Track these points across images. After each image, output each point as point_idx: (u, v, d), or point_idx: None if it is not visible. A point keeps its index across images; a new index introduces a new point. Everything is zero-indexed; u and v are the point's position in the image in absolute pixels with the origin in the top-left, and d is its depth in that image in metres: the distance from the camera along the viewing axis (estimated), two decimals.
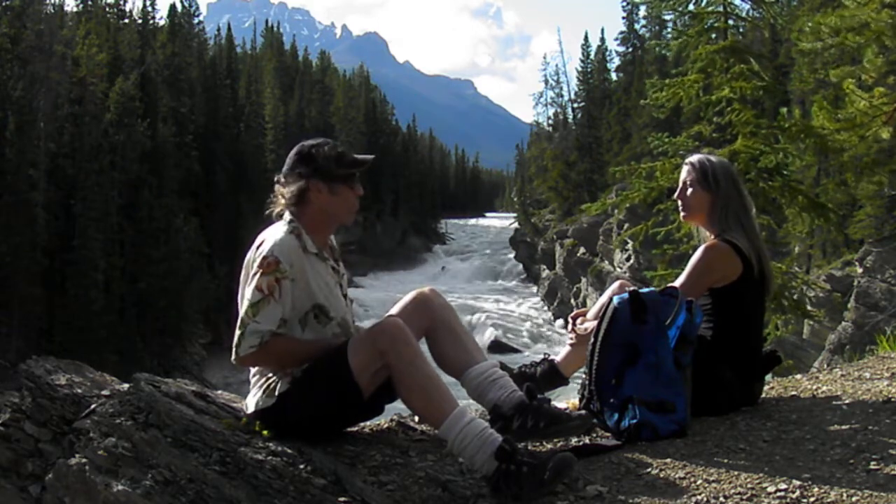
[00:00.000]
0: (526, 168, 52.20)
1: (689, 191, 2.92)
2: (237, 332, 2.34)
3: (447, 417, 2.19)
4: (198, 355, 28.13)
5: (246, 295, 2.35)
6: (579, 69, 44.04)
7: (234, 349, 2.35)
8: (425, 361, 2.29)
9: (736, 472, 2.17)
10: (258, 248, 2.39)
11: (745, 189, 2.98)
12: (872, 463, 2.16)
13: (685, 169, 2.96)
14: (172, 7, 40.80)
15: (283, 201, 2.48)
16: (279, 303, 2.33)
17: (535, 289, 43.69)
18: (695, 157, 2.98)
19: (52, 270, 23.20)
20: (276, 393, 2.37)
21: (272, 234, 2.41)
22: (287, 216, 2.47)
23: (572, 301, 34.52)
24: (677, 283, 2.76)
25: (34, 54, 24.87)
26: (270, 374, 2.42)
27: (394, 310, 2.55)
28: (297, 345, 2.40)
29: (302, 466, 2.19)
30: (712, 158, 2.97)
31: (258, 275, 2.33)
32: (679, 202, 2.97)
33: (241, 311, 2.35)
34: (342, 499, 2.07)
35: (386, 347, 2.26)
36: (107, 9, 34.52)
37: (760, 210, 7.20)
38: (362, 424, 2.67)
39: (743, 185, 3.01)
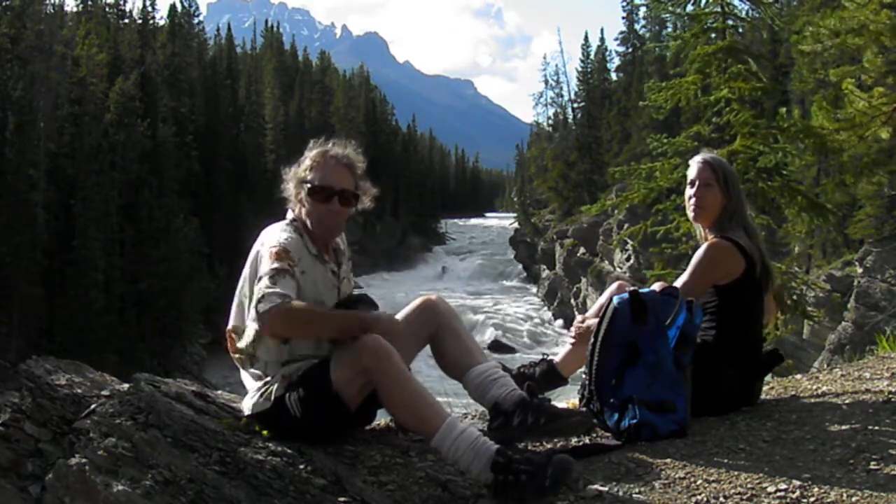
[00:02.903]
0: (526, 168, 52.17)
1: (707, 189, 2.85)
2: (255, 300, 2.24)
3: (438, 430, 2.18)
4: (198, 355, 28.11)
5: (261, 272, 2.30)
6: (579, 69, 44.10)
7: (255, 311, 2.25)
8: (410, 376, 2.26)
9: (736, 472, 2.17)
10: (265, 243, 2.40)
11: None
12: (872, 463, 2.16)
13: (698, 167, 2.89)
14: (172, 7, 40.86)
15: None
16: (294, 280, 2.30)
17: (535, 289, 43.64)
18: (710, 157, 2.93)
19: (52, 270, 23.18)
20: (273, 397, 2.36)
21: (277, 231, 2.44)
22: (289, 215, 2.52)
23: (572, 301, 34.50)
24: (680, 281, 2.75)
25: (34, 54, 24.86)
26: (268, 378, 2.41)
27: (399, 315, 2.55)
28: (317, 308, 2.35)
29: (302, 466, 2.19)
30: (723, 160, 2.96)
31: (272, 260, 2.30)
32: (693, 199, 2.88)
33: (257, 286, 2.26)
34: (342, 499, 2.07)
35: (370, 366, 2.24)
36: (107, 9, 34.57)
37: (760, 210, 7.20)
38: None
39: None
